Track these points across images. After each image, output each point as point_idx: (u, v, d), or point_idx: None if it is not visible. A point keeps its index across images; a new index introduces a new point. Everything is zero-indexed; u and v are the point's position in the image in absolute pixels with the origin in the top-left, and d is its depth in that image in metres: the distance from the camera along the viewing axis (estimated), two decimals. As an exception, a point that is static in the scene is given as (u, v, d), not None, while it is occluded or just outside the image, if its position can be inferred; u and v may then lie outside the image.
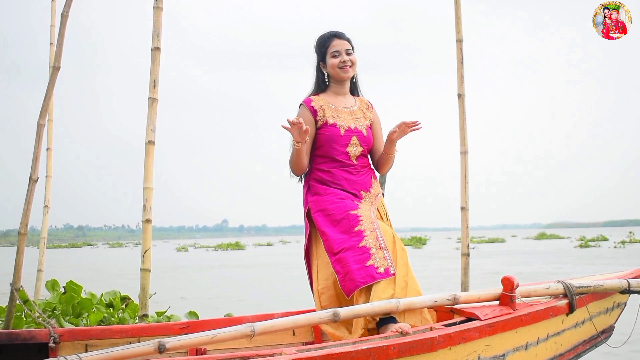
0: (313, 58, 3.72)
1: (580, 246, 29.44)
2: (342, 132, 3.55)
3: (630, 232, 35.31)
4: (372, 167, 3.72)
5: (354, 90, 3.79)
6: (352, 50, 3.63)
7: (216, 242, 55.64)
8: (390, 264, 3.18)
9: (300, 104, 3.64)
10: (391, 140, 3.57)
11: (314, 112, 3.56)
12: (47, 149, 5.81)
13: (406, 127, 3.51)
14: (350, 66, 3.61)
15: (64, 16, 3.66)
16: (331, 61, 3.60)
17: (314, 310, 3.35)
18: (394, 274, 3.15)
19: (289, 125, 3.28)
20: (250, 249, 44.09)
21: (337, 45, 3.59)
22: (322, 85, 3.70)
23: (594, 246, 29.36)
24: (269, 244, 54.54)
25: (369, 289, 3.13)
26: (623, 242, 30.40)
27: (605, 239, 35.43)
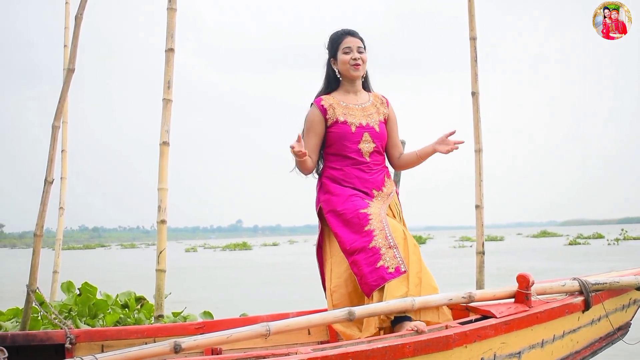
0: (324, 55, 3.73)
1: (570, 244, 30.11)
2: (354, 129, 3.55)
3: (623, 230, 35.87)
4: (387, 164, 3.73)
5: (367, 86, 3.79)
6: (364, 49, 3.63)
7: (226, 242, 56.27)
8: (400, 262, 3.18)
9: (311, 104, 3.65)
10: (433, 152, 3.65)
11: (323, 111, 3.56)
12: (62, 151, 5.83)
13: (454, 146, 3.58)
14: (360, 64, 3.61)
15: (78, 18, 3.67)
16: (342, 57, 3.59)
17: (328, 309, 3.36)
18: (404, 271, 3.15)
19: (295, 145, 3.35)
20: (257, 249, 44.39)
21: (349, 42, 3.59)
22: (332, 82, 3.69)
23: (583, 244, 29.96)
24: (274, 244, 54.83)
25: (382, 288, 3.14)
26: (617, 240, 30.88)
27: (601, 236, 36.36)
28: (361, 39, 3.63)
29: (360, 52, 3.59)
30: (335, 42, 3.63)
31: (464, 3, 4.37)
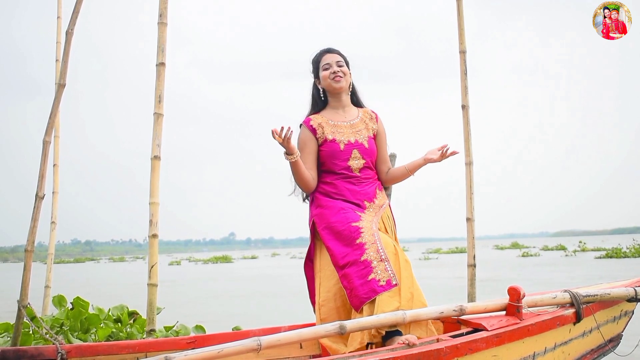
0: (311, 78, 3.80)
1: (523, 255, 30.42)
2: (342, 146, 3.58)
3: (581, 242, 36.94)
4: (378, 178, 3.74)
5: (357, 102, 3.82)
6: (345, 63, 3.69)
7: (210, 255, 56.97)
8: (391, 275, 3.18)
9: (300, 124, 3.69)
10: (424, 163, 3.66)
11: (313, 131, 3.61)
12: (54, 165, 5.84)
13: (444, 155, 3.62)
14: (341, 77, 3.65)
15: (69, 33, 3.67)
16: (323, 73, 3.67)
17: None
18: (396, 284, 3.15)
19: (275, 136, 3.32)
20: (237, 261, 44.63)
21: (327, 58, 3.69)
22: (319, 102, 3.76)
23: (534, 255, 30.23)
24: (253, 257, 55.12)
25: (373, 302, 3.13)
26: (575, 251, 31.65)
27: (564, 248, 36.75)
28: (340, 54, 3.72)
29: (339, 66, 3.66)
30: (316, 63, 3.74)
31: (454, 16, 4.40)
